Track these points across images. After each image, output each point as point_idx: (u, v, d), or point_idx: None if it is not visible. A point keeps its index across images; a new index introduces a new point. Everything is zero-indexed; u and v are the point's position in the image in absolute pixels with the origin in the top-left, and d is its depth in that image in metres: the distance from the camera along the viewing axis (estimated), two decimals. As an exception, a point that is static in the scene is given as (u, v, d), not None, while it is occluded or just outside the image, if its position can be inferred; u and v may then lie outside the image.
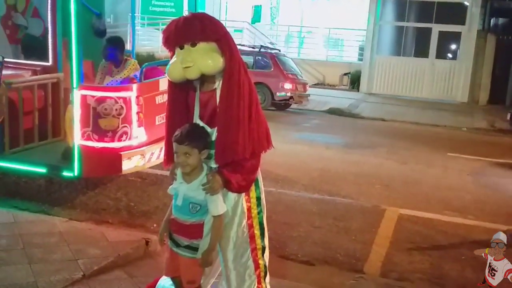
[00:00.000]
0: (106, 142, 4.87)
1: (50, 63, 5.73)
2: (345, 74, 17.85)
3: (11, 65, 5.59)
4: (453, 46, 17.56)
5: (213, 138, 2.76)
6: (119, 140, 4.91)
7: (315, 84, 17.56)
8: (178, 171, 2.82)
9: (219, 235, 2.80)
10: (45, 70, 5.69)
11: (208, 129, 2.78)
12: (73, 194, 5.37)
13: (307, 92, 13.16)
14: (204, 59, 2.65)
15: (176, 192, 2.83)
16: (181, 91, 2.86)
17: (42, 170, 5.12)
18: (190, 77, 2.70)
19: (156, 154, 5.22)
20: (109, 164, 4.93)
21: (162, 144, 5.18)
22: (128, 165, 4.96)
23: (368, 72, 16.90)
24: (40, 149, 5.46)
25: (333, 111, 13.32)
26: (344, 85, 17.77)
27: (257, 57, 13.18)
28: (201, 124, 2.80)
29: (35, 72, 5.65)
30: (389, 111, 13.93)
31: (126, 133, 4.94)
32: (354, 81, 17.47)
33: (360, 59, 17.91)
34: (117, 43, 5.58)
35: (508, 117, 12.29)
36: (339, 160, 8.29)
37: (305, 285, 3.94)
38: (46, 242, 4.05)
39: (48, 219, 4.56)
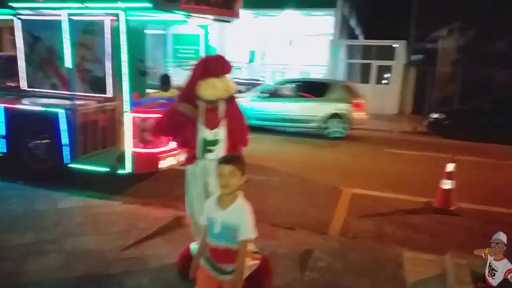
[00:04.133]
0: (149, 148, 4.89)
1: (109, 95, 5.72)
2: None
3: (83, 97, 5.59)
4: (387, 75, 17.55)
5: (217, 137, 2.86)
6: (158, 147, 4.92)
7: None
8: (210, 202, 2.27)
9: (245, 261, 2.20)
10: (106, 99, 5.69)
11: (212, 134, 2.84)
12: (127, 185, 5.35)
13: None
14: (232, 85, 2.89)
15: (212, 221, 2.20)
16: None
17: (105, 169, 5.11)
18: (223, 97, 2.82)
19: (183, 155, 5.21)
20: (151, 163, 4.94)
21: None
22: (164, 164, 4.97)
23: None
24: (103, 154, 5.46)
25: (306, 122, 13.27)
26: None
27: (248, 86, 13.22)
28: (210, 132, 2.85)
29: (99, 101, 5.65)
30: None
31: (162, 142, 4.94)
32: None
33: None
34: (166, 78, 6.40)
35: (426, 123, 12.30)
36: (311, 155, 8.28)
37: (289, 243, 3.94)
38: (109, 219, 4.05)
39: (110, 203, 4.56)
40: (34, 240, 3.54)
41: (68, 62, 5.08)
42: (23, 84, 6.02)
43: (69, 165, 5.13)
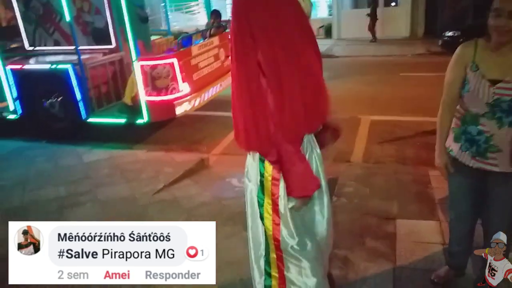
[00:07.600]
0: (162, 96, 4.87)
1: (113, 45, 5.62)
2: (321, 27, 17.18)
3: (87, 51, 5.51)
4: (396, -4, 16.66)
5: None
6: (171, 93, 4.89)
7: (299, 38, 16.97)
8: None
9: None
10: (111, 51, 5.60)
11: None
12: (147, 134, 5.41)
13: None
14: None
15: None
16: None
17: (122, 120, 5.16)
18: None
19: (198, 100, 5.19)
20: (167, 111, 4.94)
21: (200, 93, 5.13)
22: (179, 110, 4.96)
23: (336, 23, 16.26)
24: (118, 106, 5.48)
25: (315, 55, 12.95)
26: (320, 35, 17.17)
27: None
28: None
29: (104, 54, 5.57)
30: (354, 49, 13.51)
31: (175, 88, 4.91)
32: (328, 31, 16.84)
33: (330, 15, 17.16)
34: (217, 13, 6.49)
35: (439, 43, 11.84)
36: (323, 89, 8.15)
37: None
38: (135, 167, 4.18)
39: (133, 152, 4.68)
40: (67, 194, 3.68)
41: (66, 16, 4.92)
42: (26, 44, 5.94)
43: (87, 120, 5.18)
